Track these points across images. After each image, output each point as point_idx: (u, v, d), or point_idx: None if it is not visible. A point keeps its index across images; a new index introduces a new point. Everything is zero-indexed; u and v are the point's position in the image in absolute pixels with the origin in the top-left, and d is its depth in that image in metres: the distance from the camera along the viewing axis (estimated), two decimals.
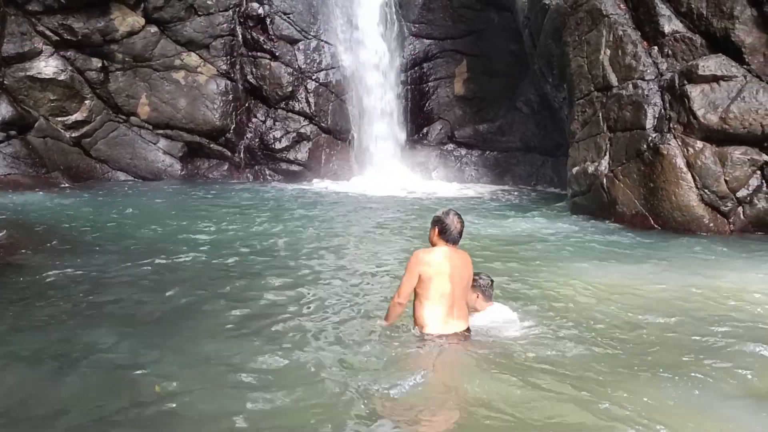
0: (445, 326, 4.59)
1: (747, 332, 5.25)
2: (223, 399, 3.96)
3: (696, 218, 9.66)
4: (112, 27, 14.50)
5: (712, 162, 9.56)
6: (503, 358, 4.58)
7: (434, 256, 4.61)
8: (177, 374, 4.29)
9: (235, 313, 5.56)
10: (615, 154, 10.52)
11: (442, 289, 4.54)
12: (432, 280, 4.53)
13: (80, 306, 5.77)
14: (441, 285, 4.54)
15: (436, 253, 4.64)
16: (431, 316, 4.58)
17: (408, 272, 4.58)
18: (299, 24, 15.82)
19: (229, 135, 15.76)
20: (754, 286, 6.71)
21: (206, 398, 3.97)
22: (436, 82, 16.82)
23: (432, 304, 4.56)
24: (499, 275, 6.90)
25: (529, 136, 16.21)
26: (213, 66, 15.48)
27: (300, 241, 8.85)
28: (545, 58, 12.67)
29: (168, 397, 3.97)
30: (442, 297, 4.55)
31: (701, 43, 9.96)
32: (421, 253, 4.64)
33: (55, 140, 14.45)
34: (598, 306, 5.98)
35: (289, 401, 3.92)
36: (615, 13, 10.81)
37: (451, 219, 4.71)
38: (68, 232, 9.06)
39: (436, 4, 16.45)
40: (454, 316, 4.62)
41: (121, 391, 4.06)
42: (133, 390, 4.08)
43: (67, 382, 4.19)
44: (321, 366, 4.39)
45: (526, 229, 10.01)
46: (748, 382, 4.27)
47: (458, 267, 4.64)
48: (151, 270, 7.03)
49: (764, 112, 9.26)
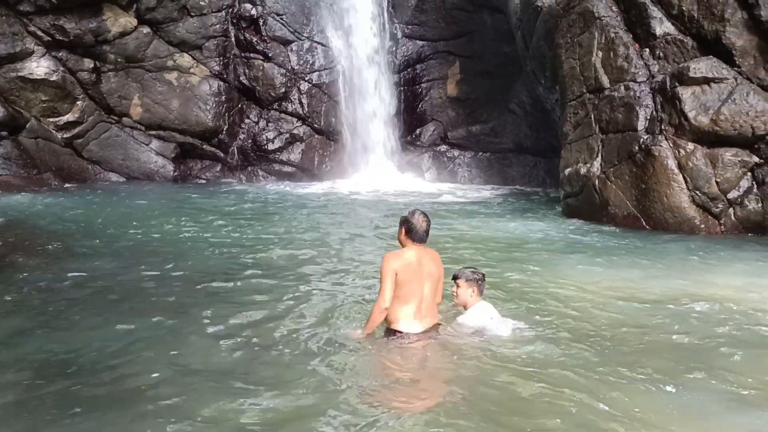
0: (414, 324, 4.73)
1: (739, 333, 5.28)
2: (215, 402, 3.95)
3: (687, 219, 9.71)
4: (104, 27, 14.45)
5: (703, 164, 9.61)
6: (493, 359, 4.60)
7: (404, 257, 4.75)
8: (168, 378, 4.29)
9: (223, 316, 5.54)
10: (607, 156, 10.56)
11: (412, 288, 4.69)
12: (402, 280, 4.66)
13: (66, 309, 5.74)
14: (411, 285, 4.69)
15: (405, 254, 4.78)
16: (402, 315, 4.71)
17: (385, 276, 4.69)
18: (292, 25, 15.83)
19: (222, 136, 15.73)
20: (745, 287, 6.75)
21: (197, 401, 3.96)
22: (429, 84, 16.85)
23: (401, 304, 4.69)
24: (490, 276, 6.92)
25: (522, 137, 16.26)
26: (206, 67, 15.45)
27: (291, 242, 8.84)
28: (538, 59, 12.71)
29: (158, 399, 3.97)
30: (412, 296, 4.70)
31: (692, 45, 10.01)
32: (391, 257, 4.76)
33: (46, 141, 14.40)
34: (588, 307, 6.00)
35: (280, 405, 3.92)
36: (607, 15, 10.86)
37: (416, 219, 4.82)
38: (57, 234, 9.03)
39: (428, 6, 16.49)
40: (422, 314, 4.76)
41: (108, 395, 4.05)
42: (123, 393, 4.07)
43: (53, 386, 4.17)
44: (310, 369, 4.40)
45: (518, 230, 10.04)
46: (741, 384, 4.29)
47: (427, 266, 4.78)
48: (140, 273, 7.00)
49: (755, 114, 9.32)
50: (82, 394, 4.06)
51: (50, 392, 4.08)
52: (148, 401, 3.94)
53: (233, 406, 3.88)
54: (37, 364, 4.53)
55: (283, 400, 3.96)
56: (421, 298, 4.73)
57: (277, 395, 4.01)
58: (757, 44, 9.50)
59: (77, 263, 7.34)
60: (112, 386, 4.17)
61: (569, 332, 5.25)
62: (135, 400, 3.96)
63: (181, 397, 3.99)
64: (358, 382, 4.23)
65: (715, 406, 4.00)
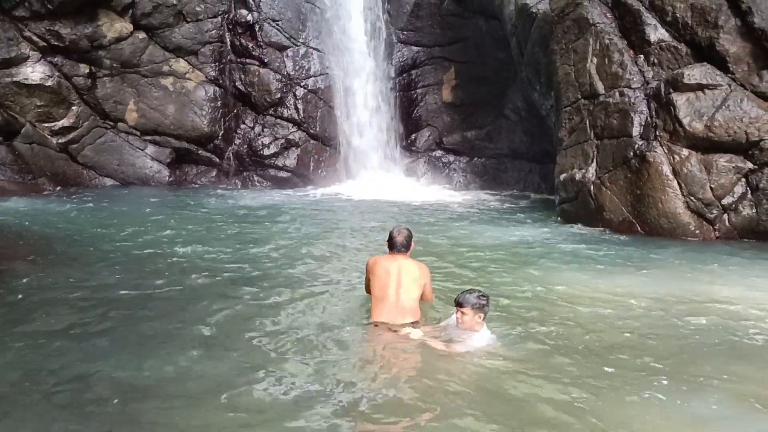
0: (385, 316, 5.37)
1: (732, 339, 5.31)
2: (202, 412, 3.96)
3: (682, 225, 9.75)
4: (99, 33, 14.43)
5: (698, 169, 9.67)
6: (482, 358, 4.64)
7: (379, 262, 5.61)
8: (153, 388, 4.29)
9: (212, 323, 5.56)
10: (602, 161, 10.60)
11: (382, 287, 5.45)
12: (373, 280, 5.54)
13: (53, 317, 5.72)
14: (381, 284, 5.46)
15: (381, 259, 5.66)
16: (375, 308, 5.47)
17: (366, 275, 5.75)
18: (288, 31, 15.84)
19: (218, 141, 15.72)
20: (740, 292, 6.79)
21: (183, 411, 3.97)
22: (424, 89, 16.88)
23: (375, 299, 5.49)
24: (485, 282, 6.95)
25: (517, 142, 16.29)
26: (201, 72, 15.45)
27: (284, 247, 8.83)
28: (533, 65, 12.76)
29: (144, 410, 3.96)
30: (382, 293, 5.43)
31: (686, 52, 10.08)
32: (369, 261, 5.77)
33: (41, 146, 14.36)
34: (582, 311, 6.02)
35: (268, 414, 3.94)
36: (601, 21, 10.92)
37: (395, 231, 5.64)
38: (50, 240, 9.01)
39: (424, 12, 16.52)
40: (396, 310, 5.36)
41: (92, 406, 4.04)
42: (106, 403, 4.07)
43: (33, 397, 4.15)
44: (300, 377, 4.43)
45: (514, 236, 10.06)
46: (731, 390, 4.32)
47: (399, 272, 5.46)
48: (130, 281, 6.97)
49: (748, 121, 9.39)
50: (58, 402, 4.05)
51: (27, 402, 4.07)
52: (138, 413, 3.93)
53: (218, 417, 3.87)
54: (21, 371, 4.51)
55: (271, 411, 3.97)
56: (390, 295, 5.39)
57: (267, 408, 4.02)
58: (751, 51, 9.57)
59: (66, 269, 7.31)
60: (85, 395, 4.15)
61: (559, 337, 5.27)
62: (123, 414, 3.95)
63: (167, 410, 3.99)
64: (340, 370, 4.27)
65: (711, 412, 4.03)
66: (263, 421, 3.82)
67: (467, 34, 16.33)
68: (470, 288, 5.34)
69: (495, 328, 5.31)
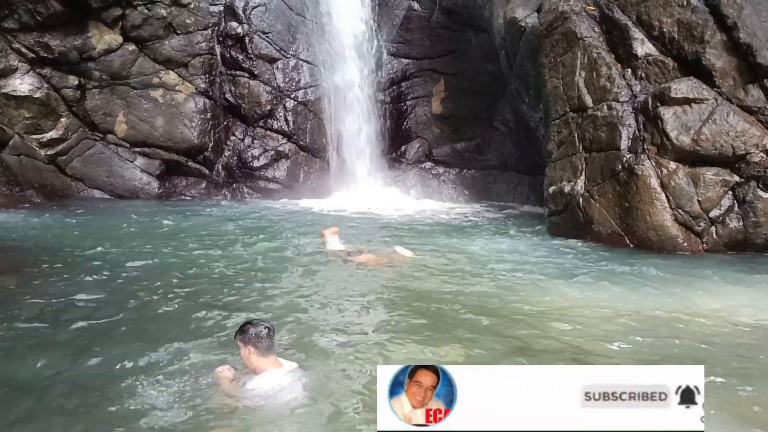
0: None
1: (724, 350, 5.34)
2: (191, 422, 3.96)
3: (670, 237, 9.81)
4: (89, 45, 14.42)
5: (686, 182, 9.74)
6: None
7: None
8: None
9: (200, 335, 5.55)
10: (591, 174, 10.66)
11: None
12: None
13: (34, 330, 5.70)
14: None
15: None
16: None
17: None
18: (278, 43, 15.88)
19: (207, 153, 15.69)
20: (728, 304, 6.83)
21: (168, 419, 3.97)
22: (413, 101, 16.95)
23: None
24: (471, 295, 6.96)
25: (506, 154, 16.38)
26: (191, 84, 15.44)
27: (272, 261, 8.81)
28: (521, 78, 12.84)
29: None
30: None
31: (673, 66, 10.18)
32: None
33: (29, 158, 14.30)
34: (569, 326, 6.03)
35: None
36: (590, 36, 11.01)
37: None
38: (35, 252, 8.93)
39: (414, 25, 16.62)
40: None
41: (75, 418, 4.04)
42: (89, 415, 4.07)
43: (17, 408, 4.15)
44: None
45: (502, 248, 10.07)
46: (730, 401, 4.34)
47: None
48: (113, 295, 6.94)
49: (735, 134, 9.48)
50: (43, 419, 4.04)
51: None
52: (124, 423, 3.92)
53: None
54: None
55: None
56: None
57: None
58: (737, 65, 9.69)
59: (47, 282, 7.29)
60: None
61: (545, 350, 5.27)
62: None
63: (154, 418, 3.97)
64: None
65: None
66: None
67: (457, 47, 16.43)
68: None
69: (478, 345, 5.30)
